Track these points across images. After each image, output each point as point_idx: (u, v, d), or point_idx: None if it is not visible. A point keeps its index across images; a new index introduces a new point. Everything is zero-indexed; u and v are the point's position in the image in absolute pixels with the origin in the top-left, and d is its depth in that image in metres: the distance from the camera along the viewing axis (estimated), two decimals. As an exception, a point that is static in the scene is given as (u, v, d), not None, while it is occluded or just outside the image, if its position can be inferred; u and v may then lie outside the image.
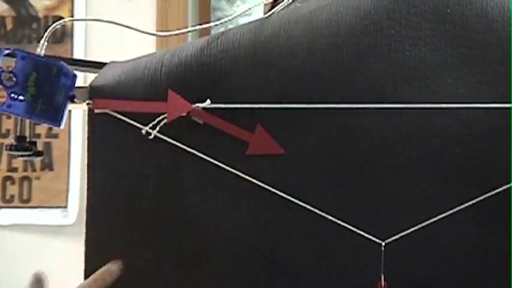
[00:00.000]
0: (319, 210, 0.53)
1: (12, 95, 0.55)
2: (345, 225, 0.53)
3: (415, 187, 0.53)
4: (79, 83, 0.58)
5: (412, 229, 0.52)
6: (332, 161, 0.54)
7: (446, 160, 0.52)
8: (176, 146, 0.56)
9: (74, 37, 1.68)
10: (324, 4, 0.56)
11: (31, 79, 0.55)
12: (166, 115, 0.56)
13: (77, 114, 1.59)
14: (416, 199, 0.53)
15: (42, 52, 0.57)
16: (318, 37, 0.55)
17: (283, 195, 0.54)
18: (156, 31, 1.52)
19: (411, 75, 0.53)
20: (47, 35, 0.57)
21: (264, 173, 0.55)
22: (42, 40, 0.58)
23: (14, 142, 0.63)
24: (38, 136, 1.65)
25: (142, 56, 0.61)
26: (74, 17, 1.68)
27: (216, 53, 0.57)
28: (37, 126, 1.56)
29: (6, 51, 0.55)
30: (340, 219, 0.53)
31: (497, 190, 0.51)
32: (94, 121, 0.59)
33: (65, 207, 1.66)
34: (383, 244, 0.53)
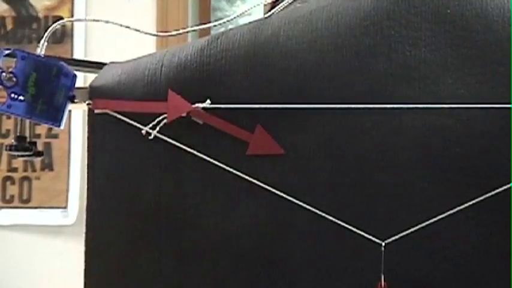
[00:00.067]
0: (319, 210, 0.53)
1: (12, 95, 0.55)
2: (345, 225, 0.53)
3: (415, 187, 0.53)
4: (79, 83, 0.58)
5: (412, 229, 0.52)
6: (332, 161, 0.54)
7: (446, 160, 0.52)
8: (176, 146, 0.56)
9: (74, 37, 1.68)
10: (324, 5, 0.56)
11: (31, 79, 0.55)
12: (166, 115, 0.56)
13: (77, 114, 1.59)
14: (416, 199, 0.53)
15: (42, 52, 0.57)
16: (318, 37, 0.55)
17: (283, 195, 0.54)
18: (156, 31, 1.52)
19: (411, 75, 0.53)
20: (47, 35, 0.57)
21: (264, 173, 0.55)
22: (42, 40, 0.58)
23: (14, 142, 0.63)
24: (38, 136, 1.65)
25: (142, 56, 0.61)
26: (74, 17, 1.69)
27: (216, 53, 0.57)
28: (37, 126, 1.56)
29: (6, 51, 0.55)
30: (340, 219, 0.53)
31: (497, 190, 0.51)
32: (94, 121, 0.59)
33: (65, 207, 1.66)
34: (383, 244, 0.53)
